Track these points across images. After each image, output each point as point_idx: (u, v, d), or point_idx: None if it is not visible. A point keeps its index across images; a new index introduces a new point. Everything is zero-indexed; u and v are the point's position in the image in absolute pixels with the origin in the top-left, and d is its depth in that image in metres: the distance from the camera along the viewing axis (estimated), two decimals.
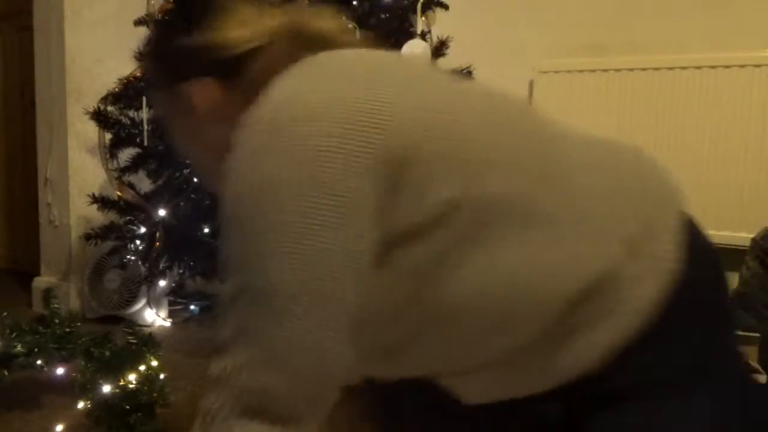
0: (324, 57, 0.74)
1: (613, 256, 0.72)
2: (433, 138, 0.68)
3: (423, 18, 2.12)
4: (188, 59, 0.79)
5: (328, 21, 0.81)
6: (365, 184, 0.65)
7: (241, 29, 0.78)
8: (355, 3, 2.03)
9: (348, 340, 0.67)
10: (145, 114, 2.09)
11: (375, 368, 0.80)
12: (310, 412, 0.66)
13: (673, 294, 0.73)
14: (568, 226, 0.71)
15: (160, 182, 2.18)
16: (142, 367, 1.63)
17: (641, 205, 0.76)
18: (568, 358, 0.74)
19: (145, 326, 2.70)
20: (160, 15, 2.10)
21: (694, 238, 0.77)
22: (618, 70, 2.53)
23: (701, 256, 0.78)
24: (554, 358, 0.75)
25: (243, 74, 0.77)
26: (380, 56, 0.76)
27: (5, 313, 1.69)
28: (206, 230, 2.08)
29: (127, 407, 1.53)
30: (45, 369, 1.71)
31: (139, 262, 2.49)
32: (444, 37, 2.20)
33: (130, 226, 2.29)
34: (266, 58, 0.77)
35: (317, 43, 0.77)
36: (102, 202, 2.31)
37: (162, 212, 2.14)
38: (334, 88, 0.68)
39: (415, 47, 1.98)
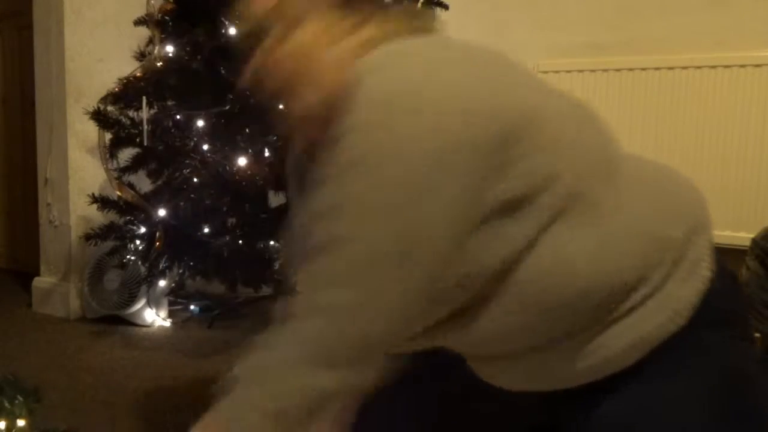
0: (428, 40, 0.78)
1: (660, 257, 0.76)
2: (530, 124, 0.71)
3: None
4: None
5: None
6: (472, 159, 0.67)
7: None
8: None
9: (418, 308, 0.70)
10: (145, 114, 2.09)
11: (419, 337, 0.80)
12: (364, 362, 0.70)
13: (704, 299, 0.77)
14: (621, 225, 0.75)
15: (160, 182, 2.18)
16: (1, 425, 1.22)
17: (683, 215, 0.80)
18: (598, 355, 0.76)
19: (145, 326, 2.71)
20: (159, 15, 2.10)
21: (716, 252, 0.81)
22: (618, 70, 2.53)
23: (722, 267, 0.82)
24: (587, 354, 0.76)
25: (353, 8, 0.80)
26: (477, 46, 0.79)
27: None
28: (206, 230, 2.07)
29: None
30: None
31: (139, 262, 2.49)
32: None
33: (130, 226, 2.29)
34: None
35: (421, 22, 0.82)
36: (102, 202, 2.30)
37: (162, 212, 2.13)
38: (444, 73, 0.71)
39: None
